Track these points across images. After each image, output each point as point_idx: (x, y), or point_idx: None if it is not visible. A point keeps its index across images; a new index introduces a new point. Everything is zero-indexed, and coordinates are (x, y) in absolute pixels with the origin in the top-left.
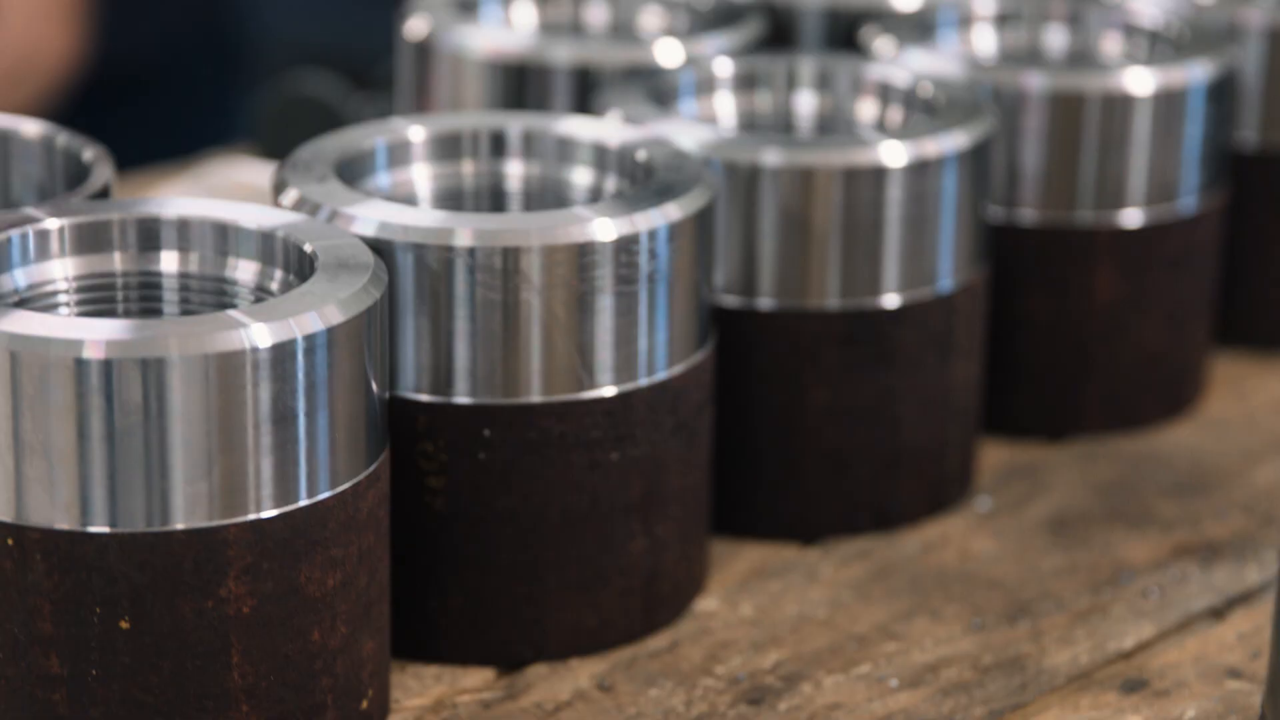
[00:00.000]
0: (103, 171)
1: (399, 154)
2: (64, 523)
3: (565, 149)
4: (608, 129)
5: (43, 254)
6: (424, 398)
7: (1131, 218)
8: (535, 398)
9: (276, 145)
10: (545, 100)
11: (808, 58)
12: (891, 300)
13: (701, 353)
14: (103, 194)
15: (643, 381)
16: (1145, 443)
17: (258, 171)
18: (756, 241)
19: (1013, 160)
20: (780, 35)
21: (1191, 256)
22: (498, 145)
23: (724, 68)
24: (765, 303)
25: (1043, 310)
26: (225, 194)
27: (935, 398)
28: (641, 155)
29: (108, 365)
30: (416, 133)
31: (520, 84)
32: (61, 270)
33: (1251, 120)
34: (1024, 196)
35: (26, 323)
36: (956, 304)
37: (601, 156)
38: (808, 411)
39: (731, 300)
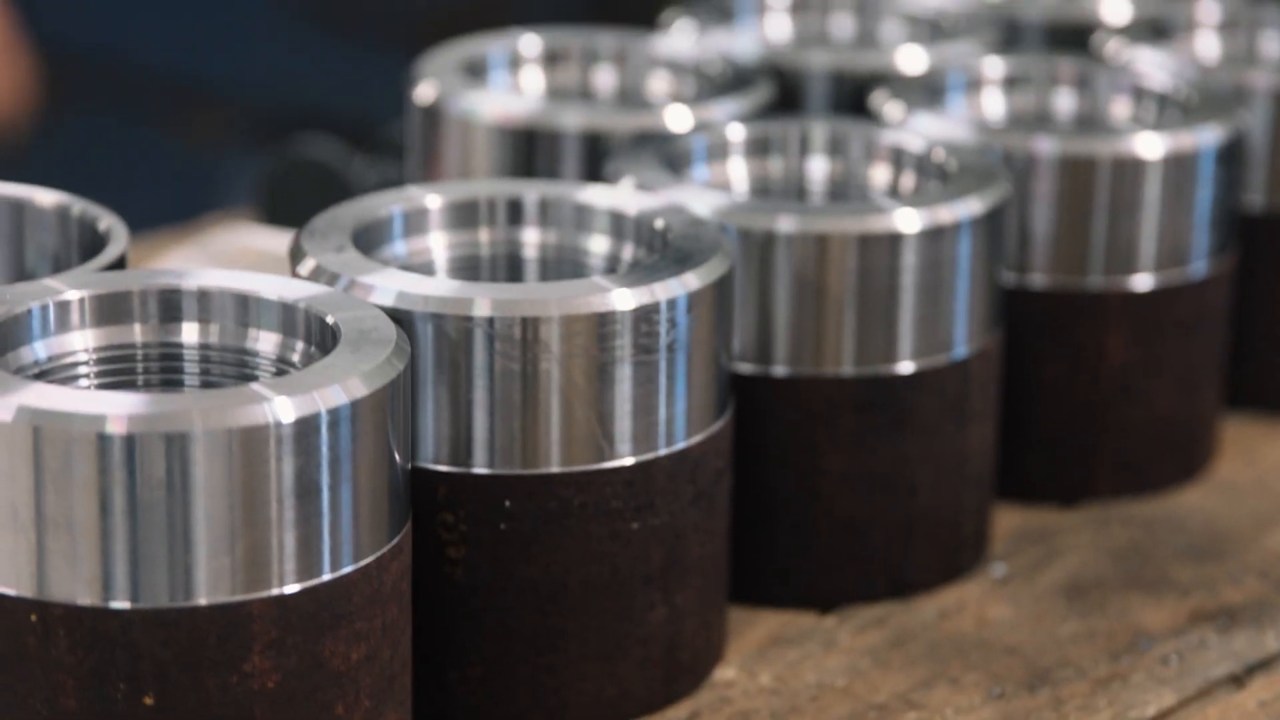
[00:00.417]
0: (119, 241)
1: (415, 222)
2: (87, 598)
3: (582, 217)
4: (625, 197)
5: (63, 326)
6: (443, 468)
7: (1143, 282)
8: (555, 467)
9: (277, 209)
10: (555, 166)
11: (820, 123)
12: (907, 366)
13: (720, 421)
14: (119, 264)
15: (662, 451)
16: (1158, 507)
17: (265, 237)
18: (771, 308)
19: (1023, 224)
20: (787, 98)
21: (1202, 320)
22: (514, 213)
23: (736, 133)
24: (780, 369)
25: (1054, 374)
26: (233, 260)
27: (951, 463)
28: (659, 223)
29: (131, 440)
30: (433, 200)
31: (530, 149)
32: (82, 342)
33: (1258, 183)
34: (1034, 260)
35: (48, 396)
36: (972, 369)
37: (619, 224)
38: (824, 478)
39: (746, 367)
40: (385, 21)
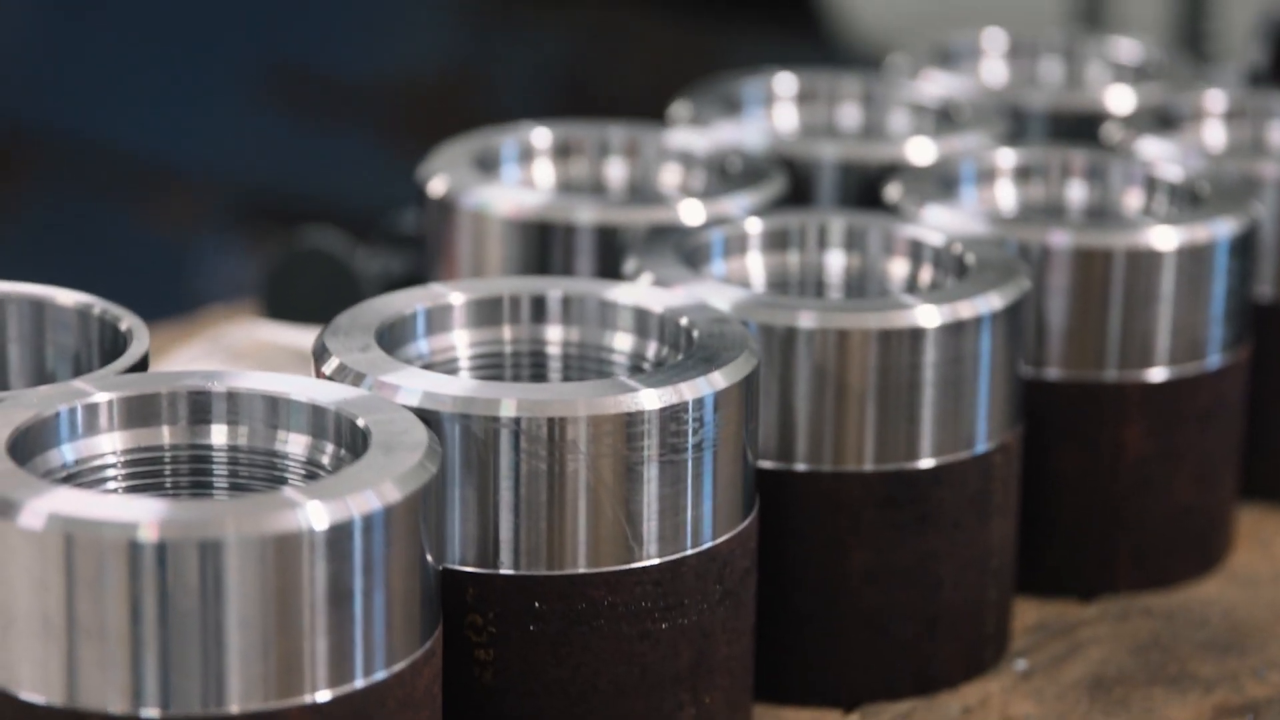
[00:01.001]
0: (141, 341)
1: (438, 319)
2: (118, 706)
3: (606, 314)
4: (649, 294)
5: (91, 428)
6: (470, 569)
7: (1159, 373)
8: (583, 568)
9: (282, 301)
10: (569, 259)
11: (837, 216)
12: (930, 461)
13: (747, 520)
14: (141, 365)
15: (690, 550)
16: (1177, 599)
17: (276, 331)
18: (793, 404)
19: (1039, 316)
20: (797, 189)
21: (1219, 411)
22: (538, 310)
23: (753, 227)
24: (802, 465)
25: (1072, 467)
26: (247, 355)
27: (975, 558)
28: (684, 321)
29: (163, 548)
30: (456, 298)
31: (544, 243)
32: (110, 444)
33: (1267, 274)
34: (1050, 352)
35: (79, 503)
36: (994, 464)
37: (643, 322)
38: (847, 574)
39: (768, 463)
40: (354, 101)
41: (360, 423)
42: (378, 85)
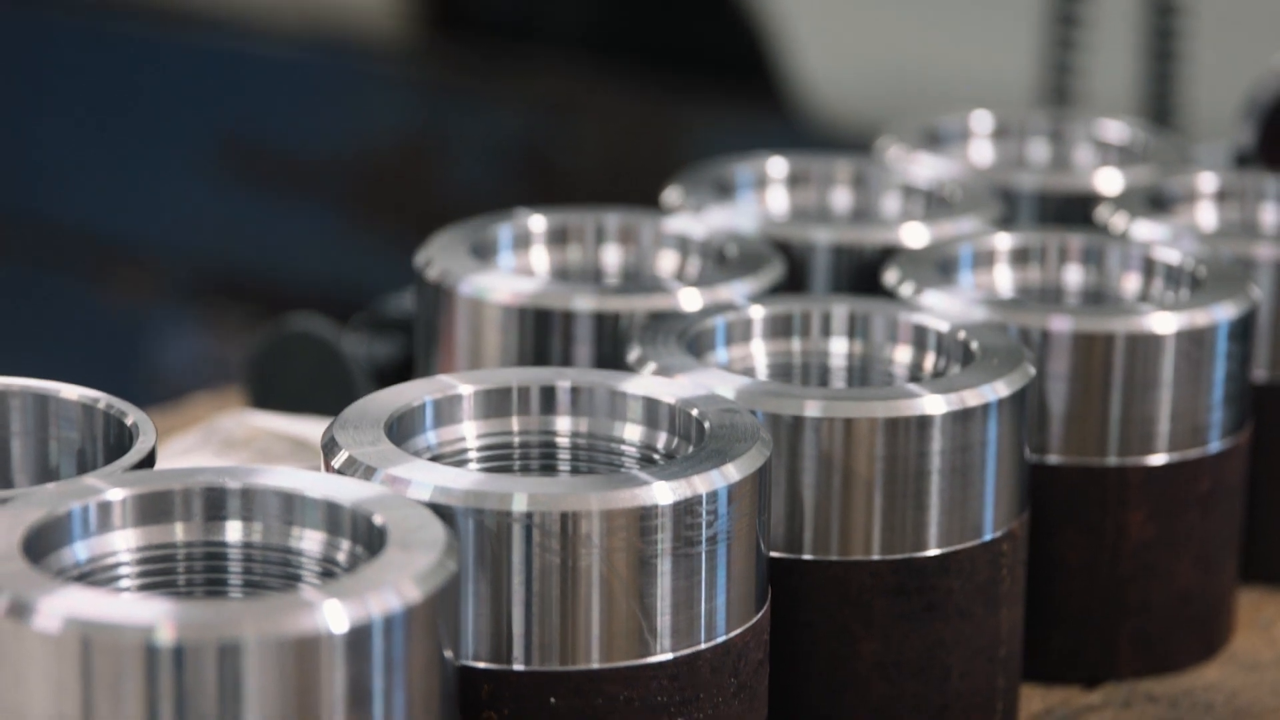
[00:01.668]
0: (148, 437)
1: (447, 411)
2: None
3: (616, 405)
4: (658, 384)
5: (104, 526)
6: (485, 665)
7: (1160, 457)
8: (598, 664)
9: (268, 385)
10: (568, 347)
11: (840, 303)
12: (938, 550)
13: (760, 612)
14: (149, 460)
15: (704, 644)
16: (1180, 685)
17: (269, 418)
18: (800, 493)
19: (1041, 401)
20: (792, 274)
21: (1220, 495)
22: (547, 401)
23: (756, 313)
24: (810, 554)
25: (1074, 553)
26: (243, 443)
27: (983, 647)
28: (695, 412)
29: (181, 650)
30: (464, 389)
31: (542, 330)
32: (124, 542)
33: (1262, 357)
34: (1051, 437)
35: (95, 604)
36: (1002, 551)
37: (654, 413)
38: (856, 664)
39: (775, 552)
40: (310, 175)
41: (377, 519)
42: (333, 158)
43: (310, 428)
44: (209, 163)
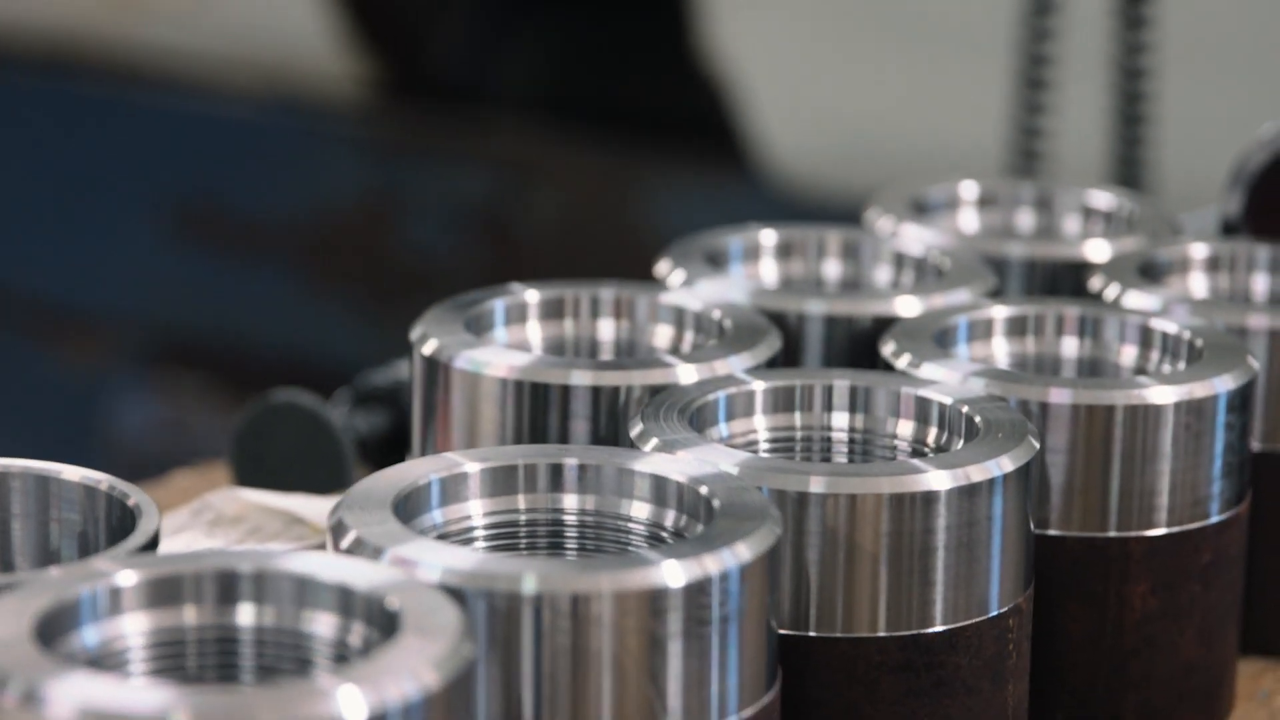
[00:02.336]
0: (151, 519)
1: (453, 489)
2: None
3: (624, 483)
4: (666, 462)
5: (115, 610)
6: None
7: (1161, 530)
8: None
9: (255, 458)
10: (565, 422)
11: (841, 377)
12: (945, 626)
13: (772, 690)
14: (152, 544)
15: None
16: None
17: (261, 495)
18: (806, 569)
19: (1042, 474)
20: (786, 344)
21: (1221, 566)
22: (554, 478)
23: (758, 387)
24: (815, 631)
25: (1076, 625)
26: (235, 520)
27: None
28: (704, 490)
29: None
30: (471, 466)
31: (540, 404)
32: (134, 626)
33: (1256, 426)
34: (1052, 509)
35: (107, 693)
36: (1009, 626)
37: (662, 491)
38: None
39: (782, 629)
40: (267, 237)
41: (390, 603)
42: (290, 221)
43: (301, 503)
44: (164, 226)
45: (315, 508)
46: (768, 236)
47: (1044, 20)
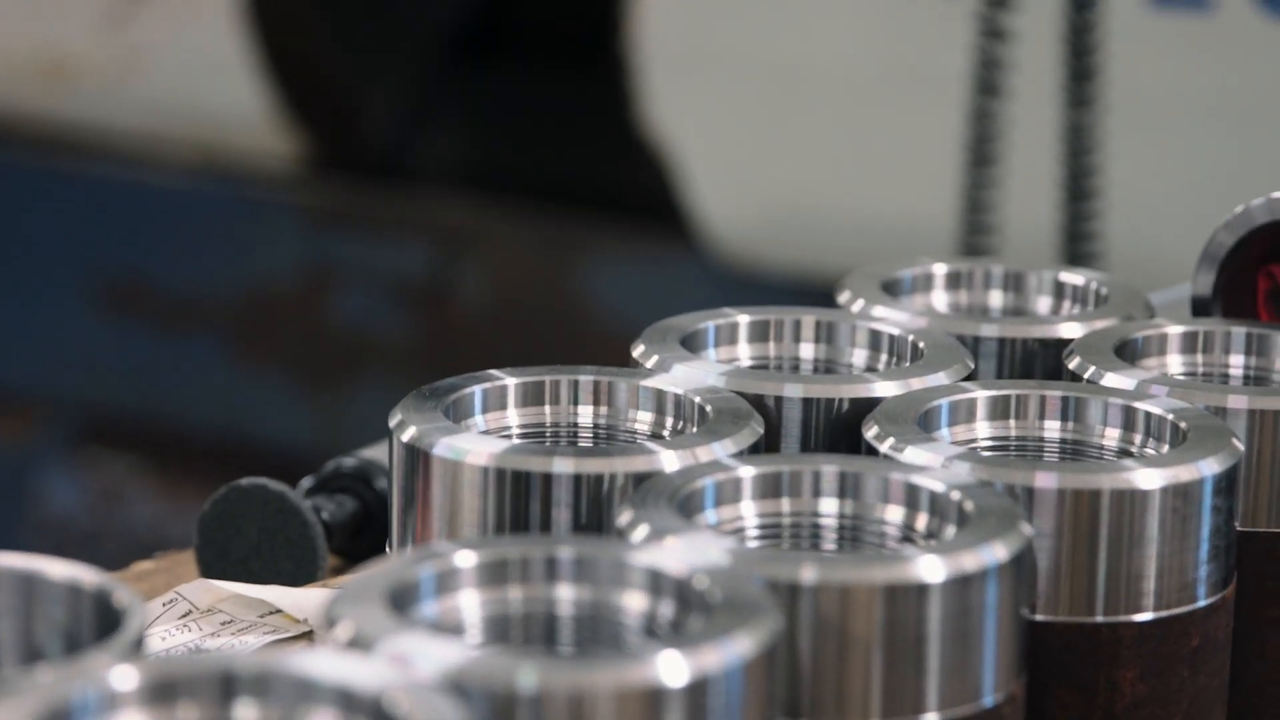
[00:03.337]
0: (138, 617)
1: (446, 581)
2: None
3: (619, 575)
4: (662, 553)
5: (111, 713)
6: None
7: (1149, 614)
8: None
9: (220, 544)
10: (547, 509)
11: (830, 462)
12: (938, 715)
13: None
14: (138, 643)
15: None
16: None
17: (233, 586)
18: (798, 658)
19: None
20: (766, 426)
21: (1209, 650)
22: (549, 570)
23: (746, 473)
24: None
25: (1066, 711)
26: (211, 610)
27: None
28: (700, 581)
29: None
30: (464, 558)
31: (522, 493)
32: None
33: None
34: (1040, 594)
35: None
36: (1003, 715)
37: (657, 583)
38: None
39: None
40: (199, 311)
41: (395, 707)
42: (222, 295)
43: (275, 593)
44: (93, 300)
45: (290, 598)
46: (741, 319)
47: (990, 100)
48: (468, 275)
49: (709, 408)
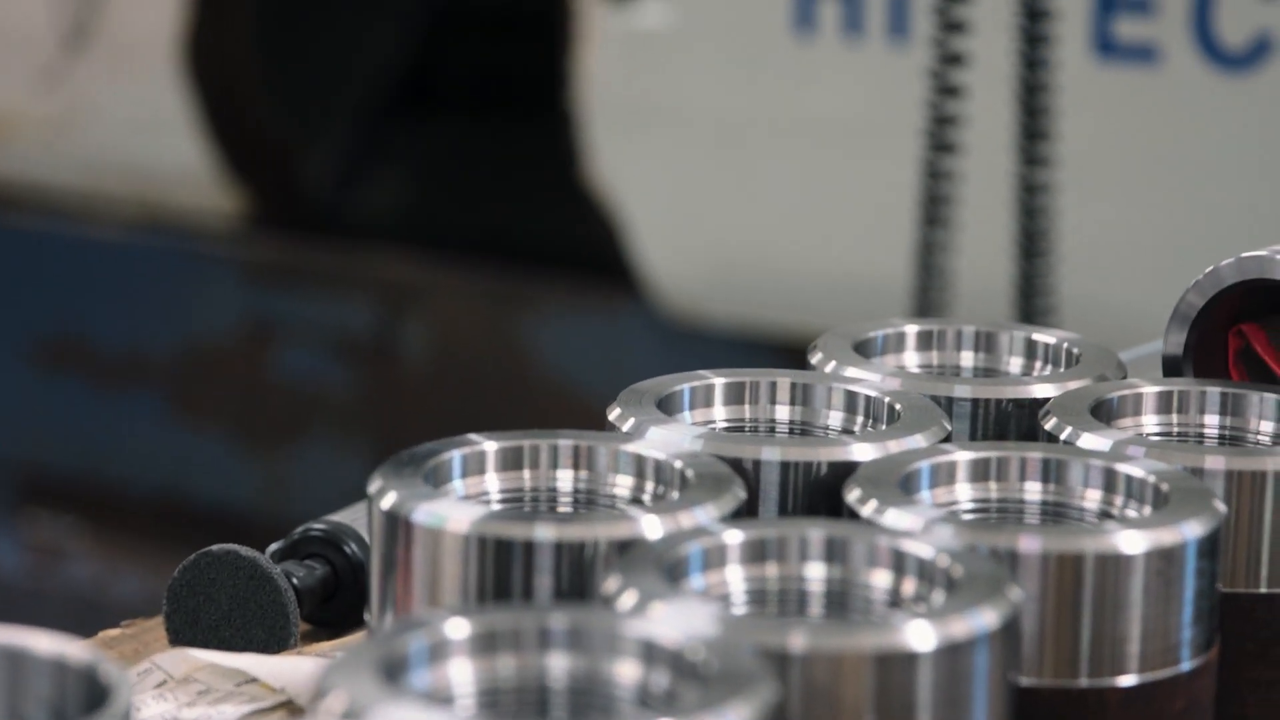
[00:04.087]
0: (123, 693)
1: (438, 651)
2: None
3: (612, 644)
4: (654, 624)
5: None
6: None
7: (1132, 678)
8: None
9: (191, 614)
10: (530, 576)
11: (816, 527)
12: None
13: None
14: (125, 717)
15: None
16: None
17: (208, 655)
18: None
19: None
20: (745, 491)
21: (1193, 713)
22: (542, 640)
23: (732, 539)
24: None
25: None
26: (189, 680)
27: None
28: (694, 651)
29: None
30: (457, 629)
31: (504, 560)
32: None
33: None
34: (1024, 658)
35: None
36: None
37: (651, 652)
38: None
39: None
40: (139, 367)
41: None
42: (162, 351)
43: (251, 662)
44: (30, 358)
45: (266, 666)
46: (717, 382)
47: (943, 156)
48: (411, 330)
49: (690, 472)
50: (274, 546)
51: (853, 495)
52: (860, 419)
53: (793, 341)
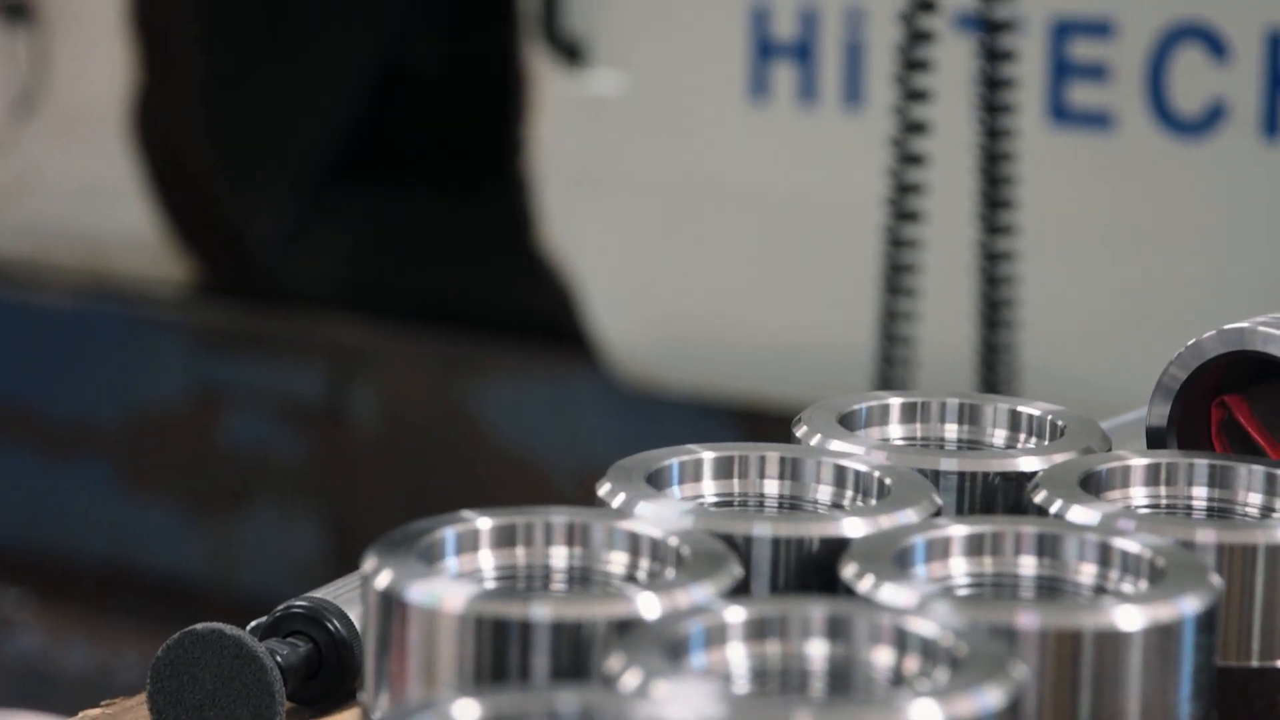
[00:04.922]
0: None
1: None
2: None
3: None
4: (658, 705)
5: None
6: None
7: None
8: None
9: (175, 694)
10: (527, 657)
11: (818, 605)
12: None
13: None
14: None
15: None
16: None
17: None
18: None
19: None
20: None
21: None
22: None
23: (733, 617)
24: None
25: None
26: None
27: None
28: None
29: None
30: (465, 711)
31: (500, 640)
32: None
33: None
34: None
35: None
36: None
37: None
38: None
39: None
40: (86, 435)
41: None
42: (109, 419)
43: None
44: None
45: None
46: (706, 457)
47: (904, 226)
48: (361, 397)
49: (685, 549)
50: (255, 623)
51: (849, 571)
52: (850, 493)
53: (749, 408)
